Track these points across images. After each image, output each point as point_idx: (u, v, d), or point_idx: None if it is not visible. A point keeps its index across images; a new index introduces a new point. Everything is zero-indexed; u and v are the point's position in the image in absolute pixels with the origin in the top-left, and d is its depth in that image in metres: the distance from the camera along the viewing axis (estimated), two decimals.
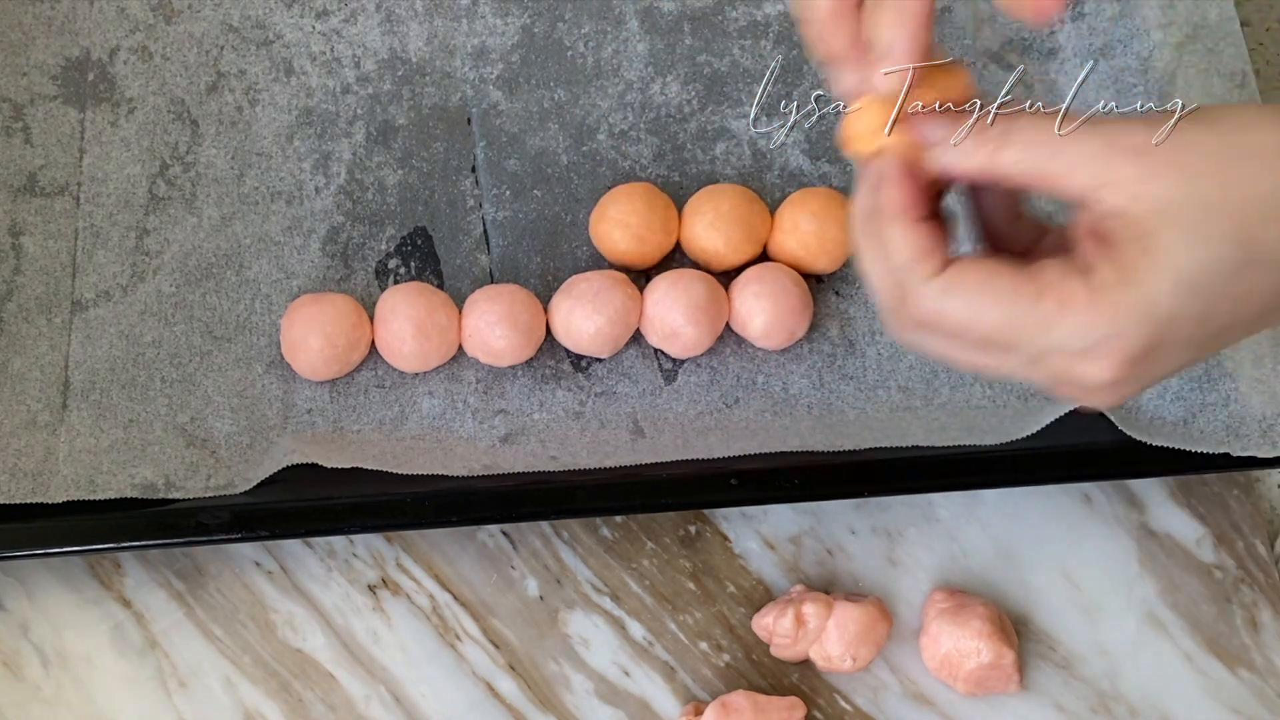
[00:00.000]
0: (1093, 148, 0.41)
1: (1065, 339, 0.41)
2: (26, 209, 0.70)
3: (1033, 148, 0.42)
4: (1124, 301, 0.41)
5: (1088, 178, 0.41)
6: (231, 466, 0.65)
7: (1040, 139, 0.42)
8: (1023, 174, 0.42)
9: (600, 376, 0.68)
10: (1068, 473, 0.66)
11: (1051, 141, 0.42)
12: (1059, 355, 0.42)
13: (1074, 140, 0.41)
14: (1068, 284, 0.41)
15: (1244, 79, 0.71)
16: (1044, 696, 0.66)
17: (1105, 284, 0.41)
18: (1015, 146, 0.42)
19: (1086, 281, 0.41)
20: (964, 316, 0.42)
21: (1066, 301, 0.41)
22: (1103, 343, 0.41)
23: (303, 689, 0.65)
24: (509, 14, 0.75)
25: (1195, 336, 0.41)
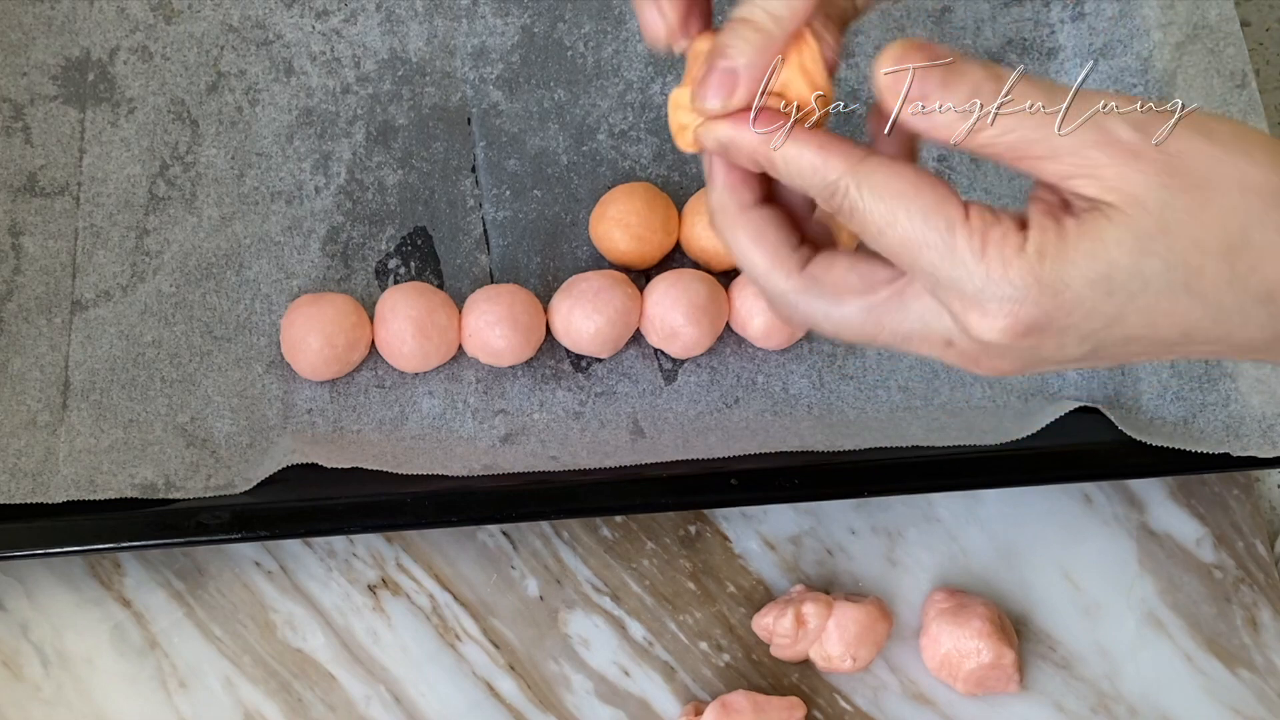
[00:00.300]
0: (1084, 138, 0.40)
1: (966, 280, 0.40)
2: (26, 209, 0.70)
3: (1018, 130, 0.40)
4: (1034, 272, 0.39)
5: (1070, 166, 0.40)
6: (231, 466, 0.65)
7: (1030, 121, 0.40)
8: (999, 153, 0.41)
9: (600, 376, 0.68)
10: (1068, 473, 0.66)
11: (1041, 125, 0.40)
12: (955, 294, 0.41)
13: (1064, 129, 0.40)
14: (992, 230, 0.40)
15: (1244, 79, 0.71)
16: (1044, 696, 0.66)
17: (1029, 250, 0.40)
18: (1000, 127, 0.41)
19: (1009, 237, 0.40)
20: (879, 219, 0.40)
21: (984, 246, 0.40)
22: (999, 299, 0.40)
23: (303, 689, 0.65)
24: (509, 14, 0.75)
25: (1099, 335, 0.40)
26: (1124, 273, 0.39)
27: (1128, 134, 0.40)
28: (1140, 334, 0.40)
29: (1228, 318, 0.40)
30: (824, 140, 0.42)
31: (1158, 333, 0.40)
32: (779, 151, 0.42)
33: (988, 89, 0.41)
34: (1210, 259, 0.39)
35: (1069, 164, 0.40)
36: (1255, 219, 0.39)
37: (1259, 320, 0.40)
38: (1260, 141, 0.40)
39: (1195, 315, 0.40)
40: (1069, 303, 0.39)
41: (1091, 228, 0.39)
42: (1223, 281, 0.39)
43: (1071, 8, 0.74)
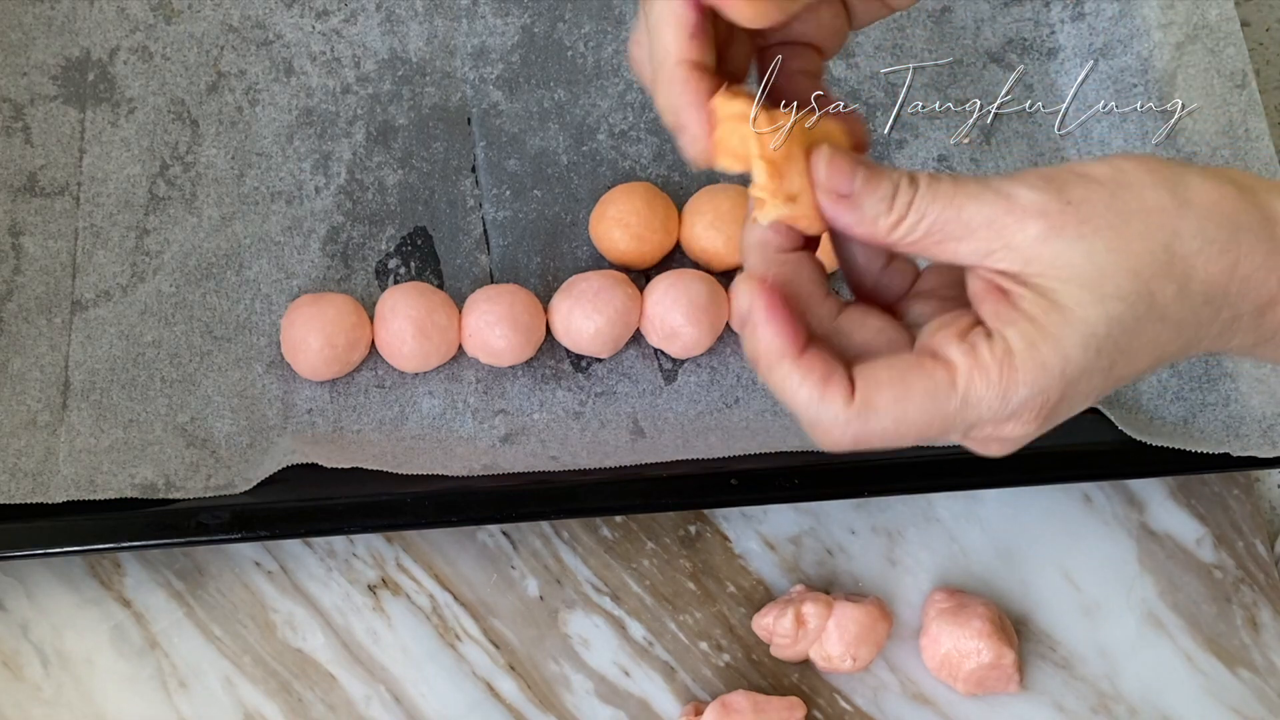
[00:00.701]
0: (989, 213, 0.42)
1: (991, 410, 0.42)
2: (26, 209, 0.70)
3: (931, 214, 0.42)
4: (1040, 361, 0.41)
5: (983, 242, 0.42)
6: (231, 466, 0.65)
7: (939, 203, 0.42)
8: (918, 240, 0.43)
9: (600, 376, 0.68)
10: (1068, 473, 0.66)
11: (951, 204, 0.42)
12: (987, 425, 0.43)
13: (971, 202, 0.42)
14: (980, 356, 0.42)
15: (1244, 79, 0.71)
16: (1044, 696, 0.66)
17: (1017, 349, 0.41)
18: (916, 214, 0.42)
19: (994, 350, 0.42)
20: (890, 428, 0.43)
21: (984, 374, 0.42)
22: (1025, 403, 0.42)
23: (303, 689, 0.65)
24: (509, 14, 0.75)
25: (1099, 385, 0.43)
26: (1100, 326, 0.41)
27: (1030, 197, 0.41)
28: (1126, 372, 0.43)
29: (1186, 329, 0.42)
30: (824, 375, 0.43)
31: (1139, 363, 0.43)
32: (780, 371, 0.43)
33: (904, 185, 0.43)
34: (1155, 281, 0.41)
35: (984, 238, 0.42)
36: (1170, 234, 0.41)
37: (1209, 322, 0.43)
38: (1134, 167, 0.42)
39: (1164, 337, 0.42)
40: (1074, 374, 0.41)
41: (1051, 300, 0.41)
42: (1172, 297, 0.42)
43: (1071, 7, 0.74)
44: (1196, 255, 0.42)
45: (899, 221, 0.42)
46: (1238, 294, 0.42)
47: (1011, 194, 0.42)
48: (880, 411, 0.42)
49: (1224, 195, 0.42)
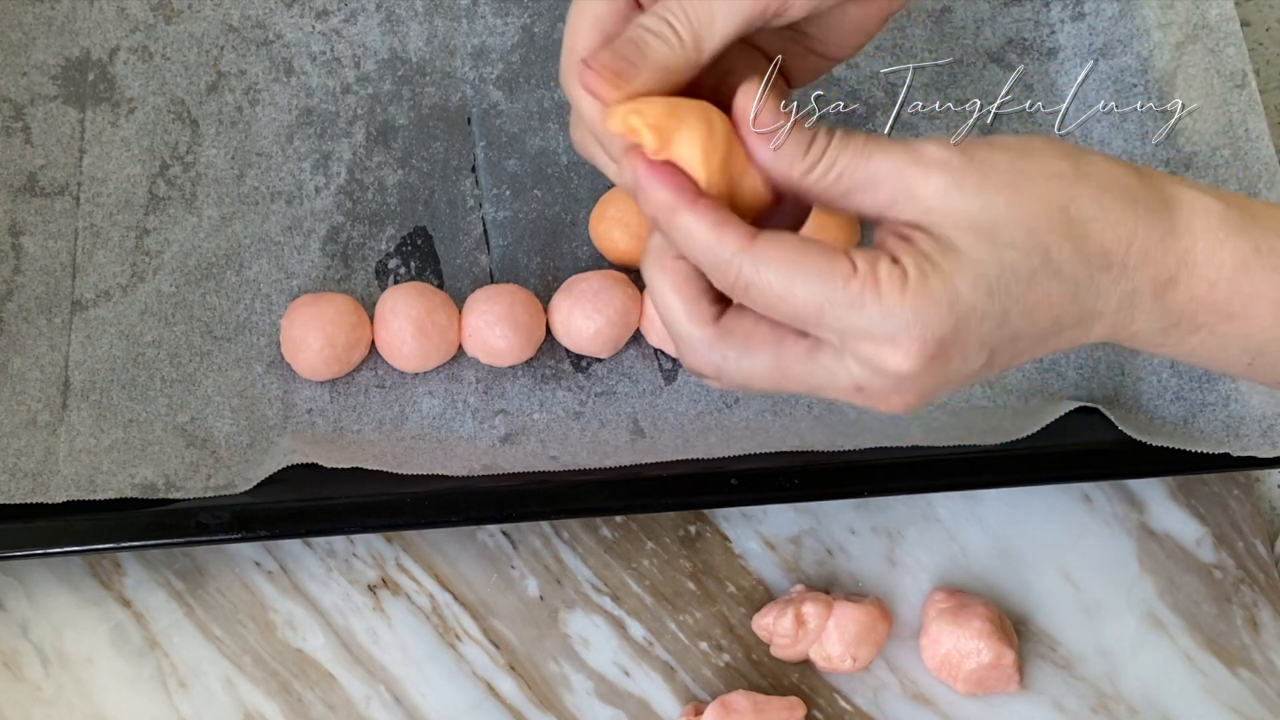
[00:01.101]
0: (896, 162, 0.43)
1: (874, 322, 0.42)
2: (26, 209, 0.70)
3: (841, 161, 0.43)
4: (929, 292, 0.42)
5: (888, 193, 0.43)
6: (231, 466, 0.65)
7: (850, 150, 0.43)
8: (827, 188, 0.43)
9: (600, 376, 0.68)
10: (1068, 473, 0.66)
11: (860, 153, 0.43)
12: (866, 339, 0.43)
13: (880, 152, 0.43)
14: (878, 270, 0.42)
15: (1244, 79, 0.71)
16: (1044, 696, 0.66)
17: (910, 275, 0.42)
18: (828, 160, 0.43)
19: (893, 269, 0.42)
20: (778, 289, 0.42)
21: (877, 286, 0.42)
22: (907, 328, 0.42)
23: (303, 689, 0.65)
24: (509, 14, 0.75)
25: (991, 337, 0.43)
26: (993, 269, 0.42)
27: (936, 152, 0.43)
28: (1022, 328, 0.43)
29: (1083, 292, 0.43)
30: (719, 218, 0.43)
31: (1035, 323, 0.43)
32: (676, 223, 0.44)
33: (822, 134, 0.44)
34: (1051, 236, 0.42)
35: (888, 189, 0.43)
36: (1068, 198, 0.42)
37: (1107, 289, 0.43)
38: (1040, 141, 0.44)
39: (1058, 295, 0.42)
40: (964, 311, 0.42)
41: (946, 243, 0.42)
42: (1069, 255, 0.42)
43: (1071, 7, 0.74)
44: (1093, 220, 0.42)
45: (812, 167, 0.43)
46: (1135, 266, 0.43)
47: (918, 149, 0.43)
48: (773, 267, 0.42)
49: (1124, 173, 0.43)
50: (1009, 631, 0.65)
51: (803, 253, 0.42)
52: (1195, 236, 0.43)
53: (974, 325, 0.42)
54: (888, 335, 0.42)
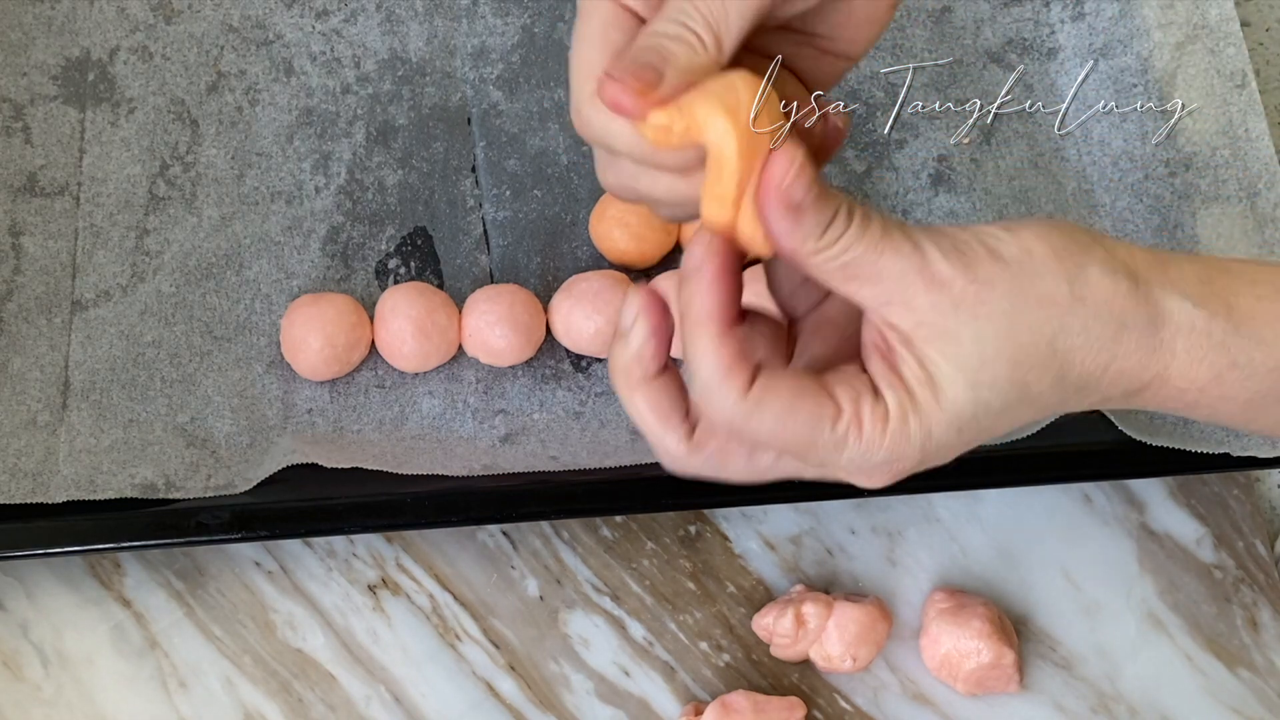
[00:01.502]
0: (902, 266, 0.43)
1: (852, 459, 0.44)
2: (26, 209, 0.70)
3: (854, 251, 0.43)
4: (905, 434, 0.44)
5: (885, 292, 0.43)
6: (231, 466, 0.65)
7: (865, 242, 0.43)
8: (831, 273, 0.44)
9: (600, 376, 0.68)
10: (1068, 473, 0.66)
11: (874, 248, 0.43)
12: (842, 470, 0.45)
13: (890, 254, 0.43)
14: (862, 410, 0.44)
15: (1244, 79, 0.71)
16: (1044, 696, 0.66)
17: (893, 417, 0.44)
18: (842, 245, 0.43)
19: (875, 412, 0.44)
20: (768, 432, 0.44)
21: (860, 428, 0.44)
22: (883, 464, 0.45)
23: (303, 689, 0.65)
24: (509, 14, 0.75)
25: (952, 453, 0.46)
26: (967, 409, 0.44)
27: (943, 267, 0.43)
28: (985, 439, 0.46)
29: (1051, 408, 0.45)
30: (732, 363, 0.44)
31: (994, 434, 0.46)
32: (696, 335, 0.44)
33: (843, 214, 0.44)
34: (1033, 371, 0.44)
35: (888, 290, 0.43)
36: (1057, 328, 0.44)
37: (1076, 403, 0.46)
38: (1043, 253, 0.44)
39: (1027, 415, 0.45)
40: (933, 449, 0.45)
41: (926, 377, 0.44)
42: (1047, 387, 0.44)
43: (1071, 7, 0.74)
44: (1078, 350, 0.44)
45: (825, 249, 0.43)
46: (1110, 383, 0.45)
47: (928, 257, 0.43)
48: (767, 413, 0.44)
49: (1117, 293, 0.44)
50: (1009, 631, 0.65)
51: (795, 397, 0.44)
52: (1175, 355, 0.45)
53: (938, 454, 0.45)
54: (861, 470, 0.45)
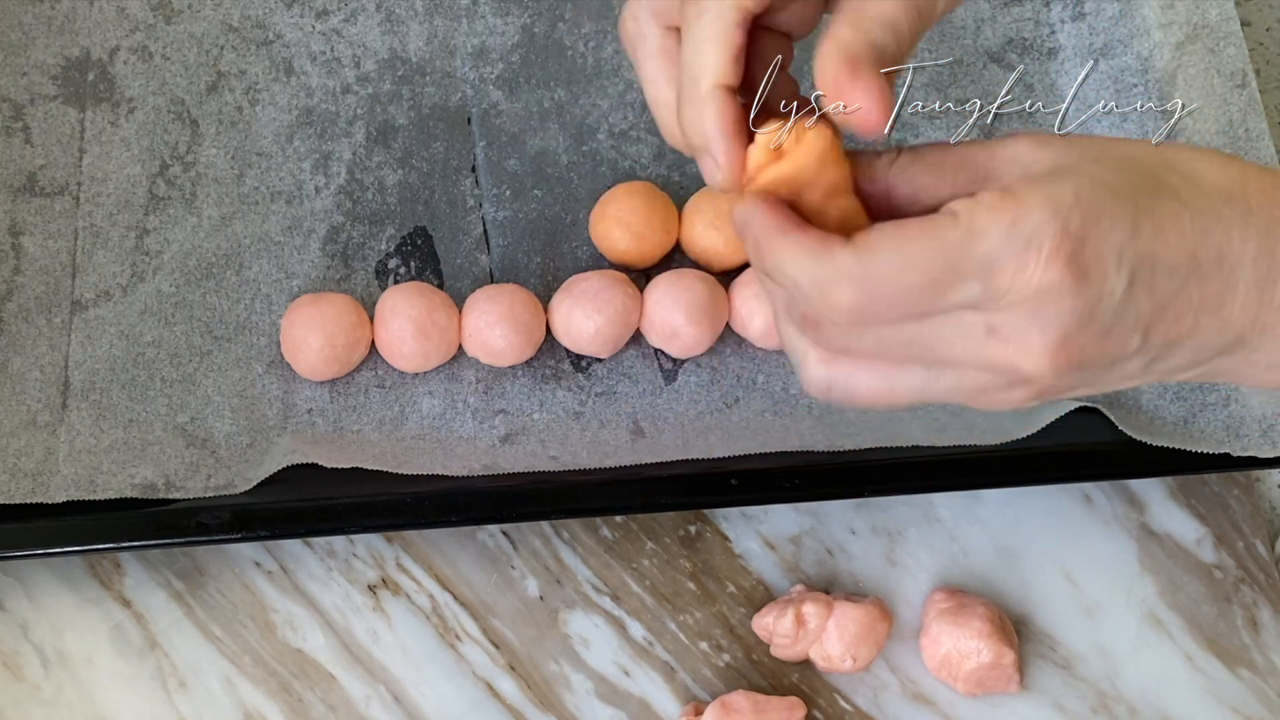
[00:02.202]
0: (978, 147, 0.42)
1: (1001, 238, 0.39)
2: (26, 209, 0.70)
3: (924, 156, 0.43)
4: (1042, 190, 0.39)
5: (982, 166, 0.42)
6: (231, 466, 0.65)
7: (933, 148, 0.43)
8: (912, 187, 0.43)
9: (600, 376, 0.68)
10: (1068, 473, 0.66)
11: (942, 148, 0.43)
12: (1006, 264, 0.39)
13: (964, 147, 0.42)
14: (979, 199, 0.40)
15: (1244, 79, 0.71)
16: (1044, 696, 0.66)
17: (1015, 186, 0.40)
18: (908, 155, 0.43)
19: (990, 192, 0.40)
20: (895, 267, 0.40)
21: (985, 209, 0.40)
22: (1041, 229, 0.39)
23: (303, 689, 0.65)
24: (509, 14, 0.75)
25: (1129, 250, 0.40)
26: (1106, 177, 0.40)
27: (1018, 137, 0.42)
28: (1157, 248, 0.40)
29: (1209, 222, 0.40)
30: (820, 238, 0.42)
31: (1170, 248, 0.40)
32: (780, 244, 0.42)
33: None
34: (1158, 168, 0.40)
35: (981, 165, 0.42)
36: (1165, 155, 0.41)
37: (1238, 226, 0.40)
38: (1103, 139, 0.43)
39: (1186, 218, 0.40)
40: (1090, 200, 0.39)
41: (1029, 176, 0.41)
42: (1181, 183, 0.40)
43: (1071, 7, 0.74)
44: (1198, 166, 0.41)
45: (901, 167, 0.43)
46: (1258, 205, 0.40)
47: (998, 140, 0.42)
48: (881, 251, 0.40)
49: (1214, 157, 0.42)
50: (1009, 631, 0.65)
51: (898, 226, 0.41)
52: None
53: (1105, 226, 0.39)
54: (1024, 246, 0.39)
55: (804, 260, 0.41)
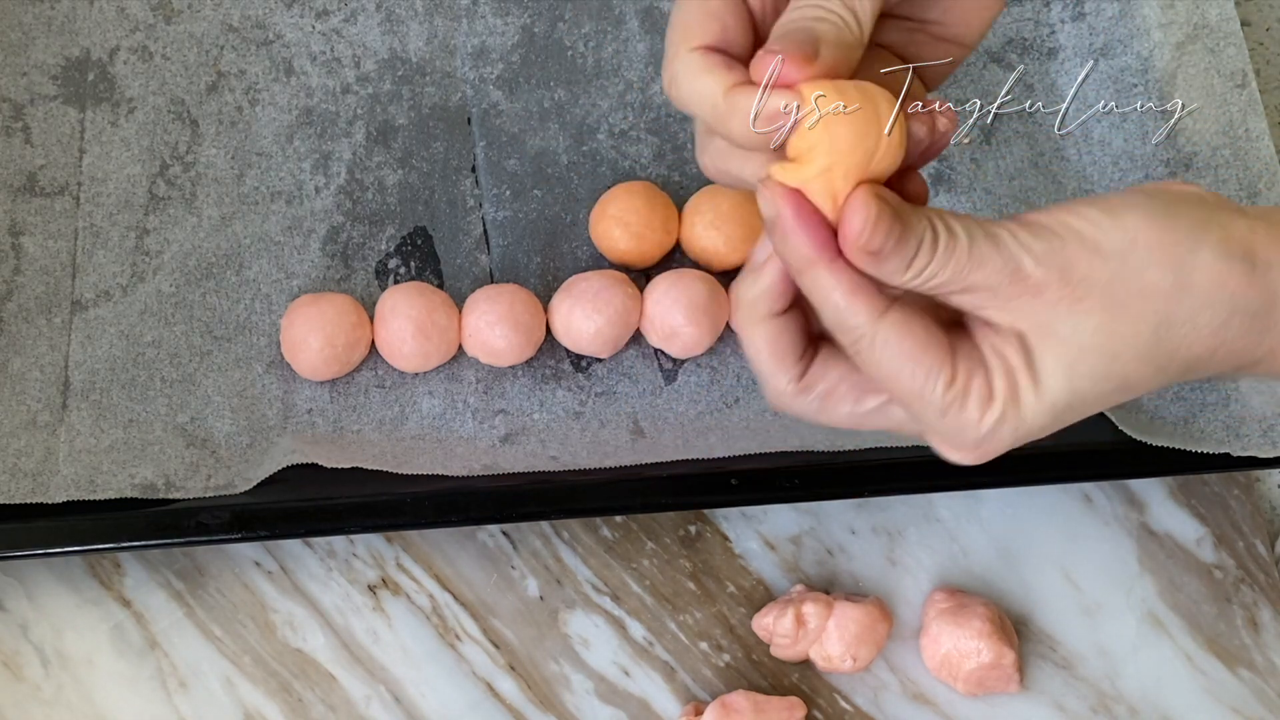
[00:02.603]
0: (993, 280, 0.43)
1: (947, 429, 0.45)
2: (26, 209, 0.70)
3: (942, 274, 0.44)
4: (1001, 425, 0.45)
5: (981, 298, 0.44)
6: (231, 466, 0.65)
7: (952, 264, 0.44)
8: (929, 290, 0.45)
9: (600, 376, 0.68)
10: (1068, 473, 0.66)
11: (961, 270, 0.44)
12: (936, 434, 0.46)
13: (978, 270, 0.43)
14: (971, 386, 0.44)
15: (1244, 79, 0.71)
16: (1044, 696, 0.66)
17: (995, 401, 0.44)
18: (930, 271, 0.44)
19: (981, 391, 0.44)
20: (888, 366, 0.45)
21: (964, 403, 0.44)
22: (975, 443, 0.46)
23: (303, 689, 0.65)
24: (509, 14, 0.75)
25: (1043, 433, 0.46)
26: (1063, 399, 0.44)
27: (1033, 269, 0.43)
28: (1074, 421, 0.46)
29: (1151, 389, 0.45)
30: (854, 285, 0.44)
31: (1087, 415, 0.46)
32: (811, 274, 0.45)
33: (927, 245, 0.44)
34: (1133, 365, 0.44)
35: (983, 298, 0.44)
36: (1160, 319, 0.43)
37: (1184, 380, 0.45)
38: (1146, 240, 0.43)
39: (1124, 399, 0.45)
40: (1025, 433, 0.45)
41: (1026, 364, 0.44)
42: (1149, 375, 0.44)
43: (1071, 7, 0.74)
44: (1183, 339, 0.43)
45: (912, 279, 0.44)
46: (1218, 363, 0.44)
47: (1019, 264, 0.43)
48: (892, 350, 0.44)
49: (1230, 276, 0.43)
50: (1009, 631, 0.65)
51: (921, 347, 0.44)
52: None
53: (1028, 436, 0.46)
54: (954, 439, 0.46)
55: (835, 298, 0.45)
